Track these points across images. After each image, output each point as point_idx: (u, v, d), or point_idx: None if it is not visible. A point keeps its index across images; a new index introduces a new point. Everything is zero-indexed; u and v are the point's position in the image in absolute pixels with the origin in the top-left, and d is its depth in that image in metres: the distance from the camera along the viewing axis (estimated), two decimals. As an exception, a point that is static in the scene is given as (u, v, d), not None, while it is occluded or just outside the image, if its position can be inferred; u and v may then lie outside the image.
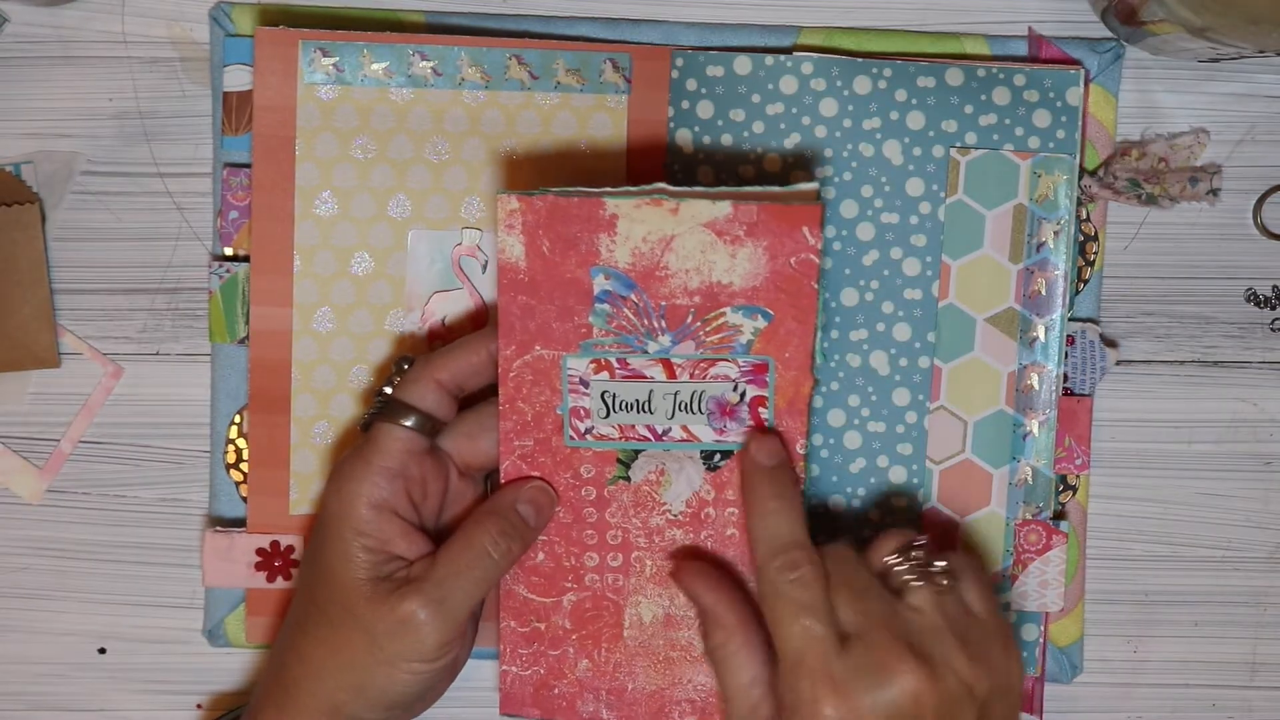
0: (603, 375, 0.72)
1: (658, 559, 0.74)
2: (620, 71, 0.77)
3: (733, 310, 0.71)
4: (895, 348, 0.77)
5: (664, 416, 0.72)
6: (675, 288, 0.71)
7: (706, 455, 0.73)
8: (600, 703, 0.76)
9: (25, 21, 0.78)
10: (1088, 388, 0.78)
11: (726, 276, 0.71)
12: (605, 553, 0.74)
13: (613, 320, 0.71)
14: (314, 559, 0.72)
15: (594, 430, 0.73)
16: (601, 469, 0.73)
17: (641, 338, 0.72)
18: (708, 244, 0.70)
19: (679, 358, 0.72)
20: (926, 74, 0.76)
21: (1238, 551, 0.81)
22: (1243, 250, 0.79)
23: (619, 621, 0.75)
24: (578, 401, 0.72)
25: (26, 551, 0.80)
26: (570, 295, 0.71)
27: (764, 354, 0.72)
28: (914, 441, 0.77)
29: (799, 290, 0.71)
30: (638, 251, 0.70)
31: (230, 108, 0.77)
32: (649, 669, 0.75)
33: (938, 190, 0.77)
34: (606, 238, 0.70)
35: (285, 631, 0.73)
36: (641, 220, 0.70)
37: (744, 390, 0.72)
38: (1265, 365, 0.80)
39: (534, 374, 0.72)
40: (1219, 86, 0.79)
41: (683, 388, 0.72)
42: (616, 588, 0.75)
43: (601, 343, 0.72)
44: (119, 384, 0.79)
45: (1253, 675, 0.81)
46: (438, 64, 0.76)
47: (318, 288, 0.77)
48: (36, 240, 0.78)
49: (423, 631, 0.70)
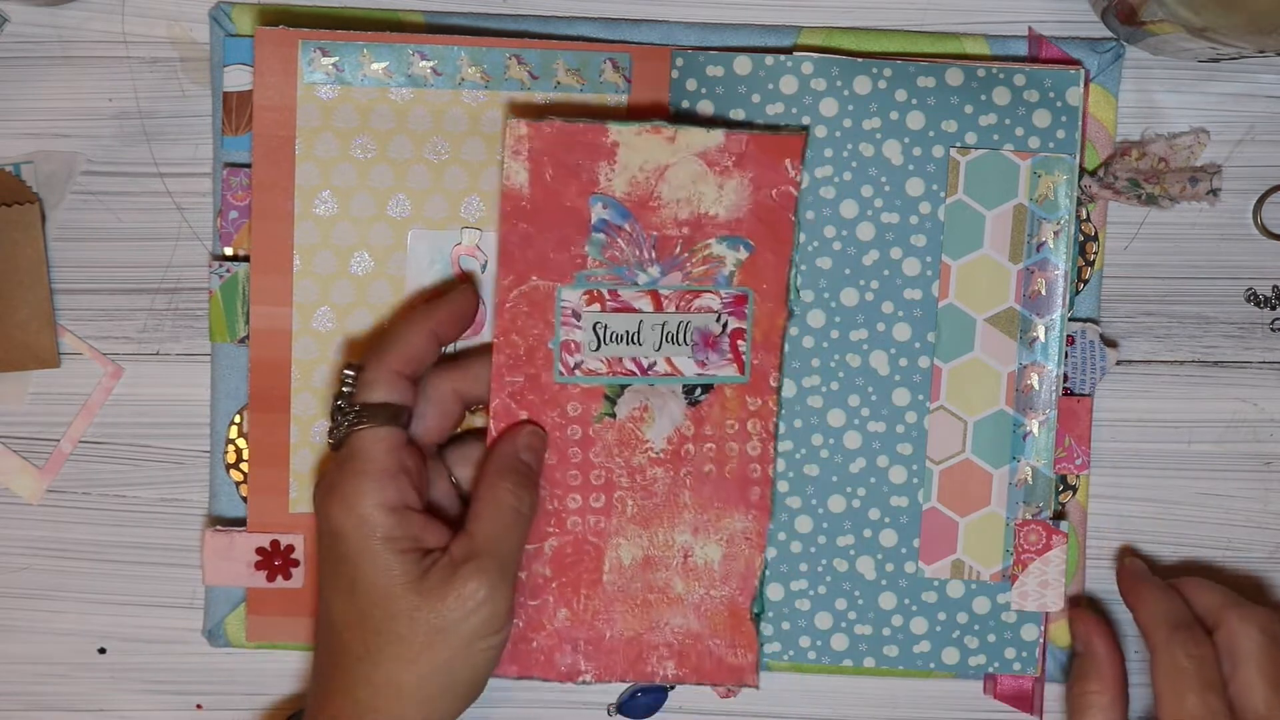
0: (595, 307, 0.73)
1: (639, 498, 0.75)
2: (620, 71, 0.77)
3: (717, 241, 0.74)
4: (895, 348, 0.77)
5: (651, 349, 0.74)
6: (666, 218, 0.73)
7: (688, 390, 0.75)
8: (579, 654, 0.76)
9: (25, 21, 0.78)
10: (1088, 388, 0.78)
11: (713, 208, 0.73)
12: (588, 494, 0.75)
13: (607, 250, 0.73)
14: (348, 588, 0.70)
15: (583, 365, 0.74)
16: (588, 406, 0.74)
17: (633, 269, 0.73)
18: (698, 174, 0.73)
19: (667, 289, 0.74)
20: (926, 74, 0.76)
21: (1238, 551, 0.81)
22: (1243, 250, 0.79)
23: (600, 566, 0.76)
24: (569, 335, 0.73)
25: (26, 551, 0.80)
26: (569, 224, 0.73)
27: (744, 285, 0.74)
28: (914, 441, 0.77)
29: (778, 222, 0.74)
30: (634, 180, 0.73)
31: (230, 108, 0.77)
32: (627, 614, 0.76)
33: (938, 190, 0.77)
34: (607, 165, 0.72)
35: (335, 672, 0.71)
36: (640, 149, 0.72)
37: (725, 322, 0.74)
38: (1265, 365, 0.80)
39: (529, 305, 0.73)
40: (1219, 86, 0.79)
41: (670, 319, 0.74)
42: (598, 530, 0.75)
43: (595, 274, 0.73)
44: (119, 384, 0.79)
45: (1252, 675, 0.81)
46: (438, 64, 0.76)
47: (318, 287, 0.77)
48: (36, 240, 0.78)
49: (493, 602, 0.70)
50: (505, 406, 0.74)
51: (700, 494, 0.76)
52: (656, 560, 0.76)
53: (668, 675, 0.77)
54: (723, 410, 0.76)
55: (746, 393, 0.76)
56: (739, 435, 0.76)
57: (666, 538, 0.76)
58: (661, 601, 0.76)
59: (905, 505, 0.78)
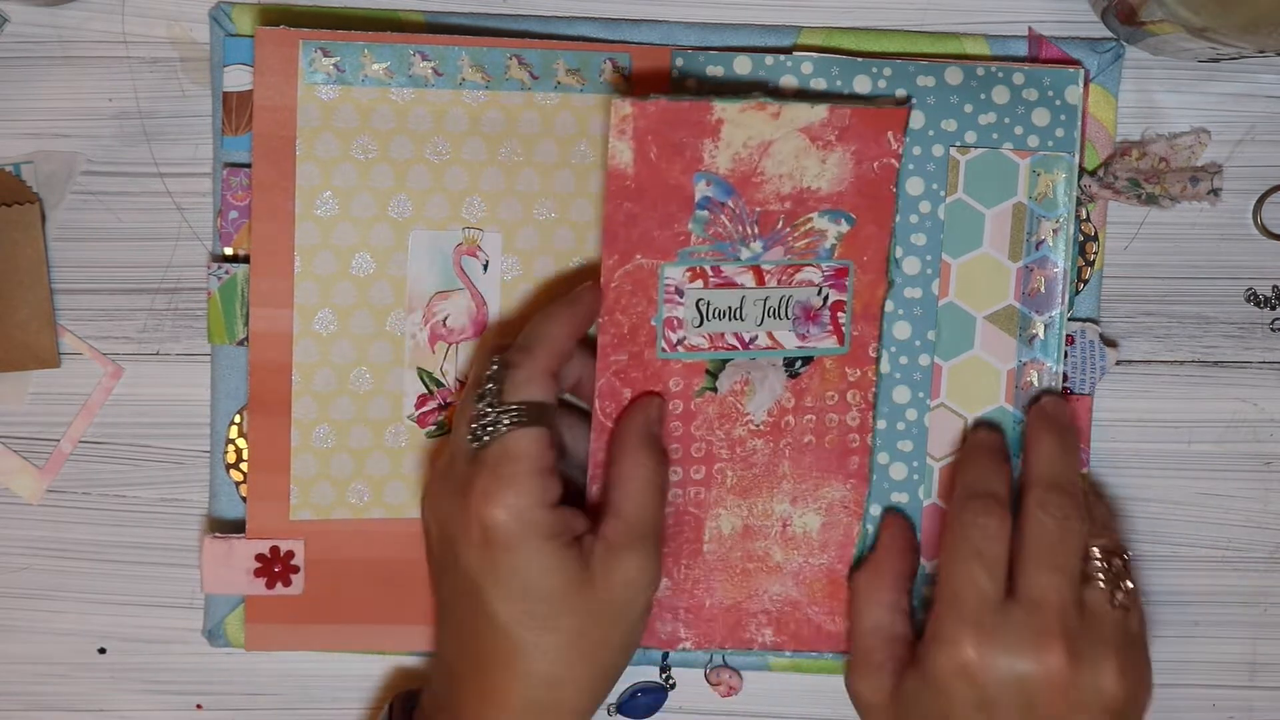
0: (698, 283, 0.74)
1: (738, 469, 0.76)
2: (620, 71, 0.77)
3: (819, 215, 0.74)
4: (895, 346, 0.77)
5: (753, 323, 0.74)
6: (769, 194, 0.74)
7: (789, 362, 0.75)
8: (679, 622, 0.77)
9: (25, 21, 0.78)
10: (1087, 387, 0.78)
11: (815, 182, 0.74)
12: (689, 466, 0.76)
13: (710, 227, 0.73)
14: (515, 591, 0.70)
15: (685, 341, 0.74)
16: (689, 381, 0.75)
17: (736, 245, 0.74)
18: (801, 149, 0.73)
19: (769, 263, 0.74)
20: (926, 73, 0.76)
21: (1237, 551, 0.81)
22: (1243, 250, 0.80)
23: (700, 536, 0.77)
24: (672, 311, 0.74)
25: (26, 551, 0.79)
26: (673, 202, 0.73)
27: (845, 258, 0.75)
28: (914, 439, 0.77)
29: (879, 194, 0.75)
30: (738, 157, 0.73)
31: (230, 108, 0.77)
32: (726, 583, 0.77)
33: (938, 189, 0.77)
34: (711, 143, 0.72)
35: (494, 672, 0.71)
36: (744, 125, 0.72)
37: (826, 294, 0.75)
38: (1265, 365, 0.80)
39: (633, 284, 0.73)
40: (1219, 86, 0.79)
41: (772, 294, 0.74)
42: (699, 501, 0.76)
43: (698, 250, 0.73)
44: (119, 384, 0.79)
45: (1252, 675, 0.81)
46: (438, 64, 0.76)
47: (318, 289, 0.76)
48: (36, 240, 0.78)
49: (648, 575, 0.71)
50: (610, 385, 0.74)
51: (799, 464, 0.77)
52: (756, 530, 0.77)
53: (766, 642, 0.78)
54: (823, 381, 0.76)
55: (846, 364, 0.76)
56: (839, 406, 0.76)
57: (766, 507, 0.77)
58: (761, 570, 0.77)
59: (906, 501, 0.78)
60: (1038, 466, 0.73)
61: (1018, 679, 0.69)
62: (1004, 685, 0.69)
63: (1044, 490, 0.72)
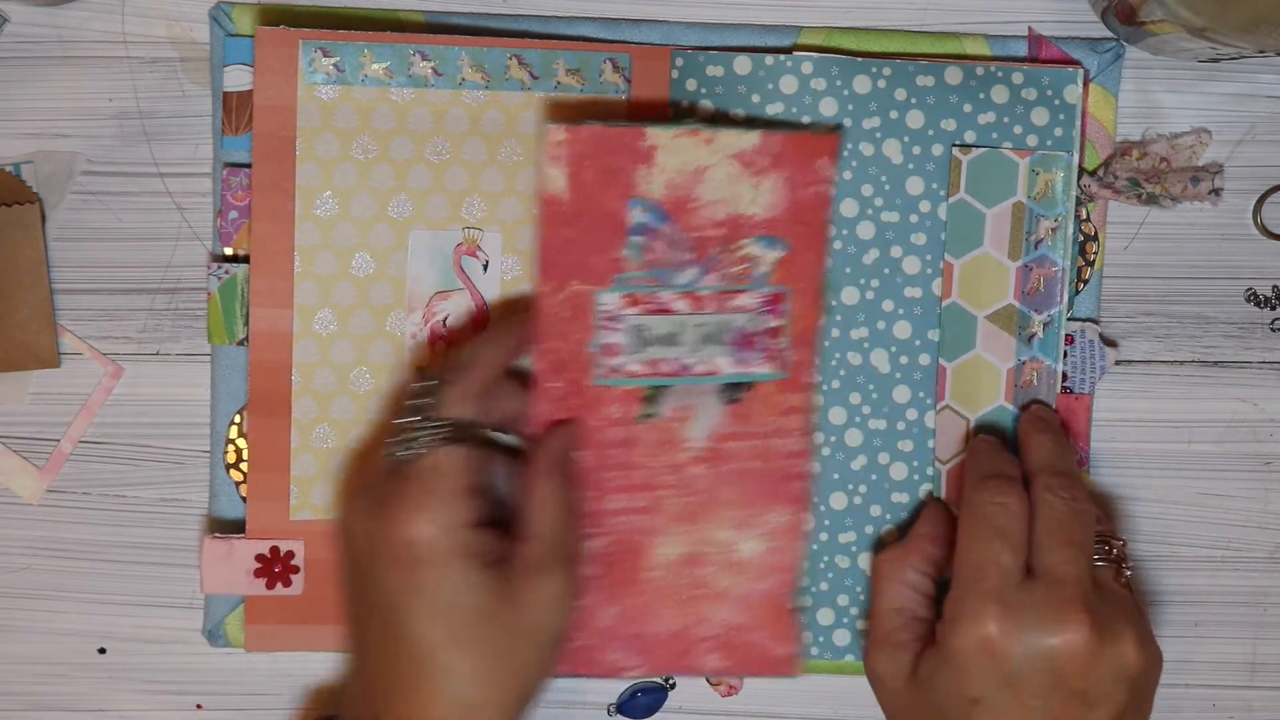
0: (634, 309, 0.74)
1: (681, 496, 0.76)
2: (620, 71, 0.77)
3: (754, 241, 0.74)
4: (896, 346, 0.77)
5: (690, 349, 0.74)
6: (704, 219, 0.74)
7: (728, 388, 0.75)
8: (625, 650, 0.77)
9: (25, 21, 0.78)
10: (1087, 387, 0.78)
11: (750, 208, 0.74)
12: (631, 494, 0.76)
13: (646, 253, 0.73)
14: (437, 608, 0.69)
15: (623, 367, 0.74)
16: (629, 408, 0.75)
17: (671, 270, 0.74)
18: (735, 175, 0.73)
19: (705, 289, 0.74)
20: (926, 73, 0.76)
21: (1237, 551, 0.81)
22: (1243, 250, 0.80)
23: (643, 563, 0.76)
24: (609, 338, 0.74)
25: (26, 551, 0.79)
26: (608, 228, 0.73)
27: (781, 283, 0.75)
28: (914, 439, 0.77)
29: (812, 221, 0.74)
30: (672, 183, 0.73)
31: (230, 108, 0.77)
32: (671, 609, 0.77)
33: (937, 189, 0.77)
34: (645, 169, 0.72)
35: (413, 689, 0.69)
36: (677, 151, 0.72)
37: (766, 320, 0.75)
38: (1265, 365, 0.80)
39: (569, 310, 0.73)
40: (1219, 86, 0.79)
41: (708, 319, 0.74)
42: (641, 529, 0.76)
43: (634, 276, 0.73)
44: (119, 384, 0.79)
45: (1253, 675, 0.81)
46: (438, 64, 0.76)
47: (318, 289, 0.76)
48: (36, 240, 0.78)
49: (565, 597, 0.71)
50: (548, 411, 0.74)
51: (742, 490, 0.76)
52: (699, 556, 0.76)
53: (714, 667, 0.78)
54: (763, 407, 0.76)
55: (785, 389, 0.76)
56: (779, 432, 0.76)
57: (709, 534, 0.76)
58: (705, 596, 0.77)
59: (906, 502, 0.78)
60: (1039, 458, 0.74)
61: (1044, 653, 0.69)
62: (1029, 659, 0.69)
63: (1050, 476, 0.72)
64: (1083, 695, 0.69)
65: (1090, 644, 0.69)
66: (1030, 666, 0.69)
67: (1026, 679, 0.69)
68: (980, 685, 0.69)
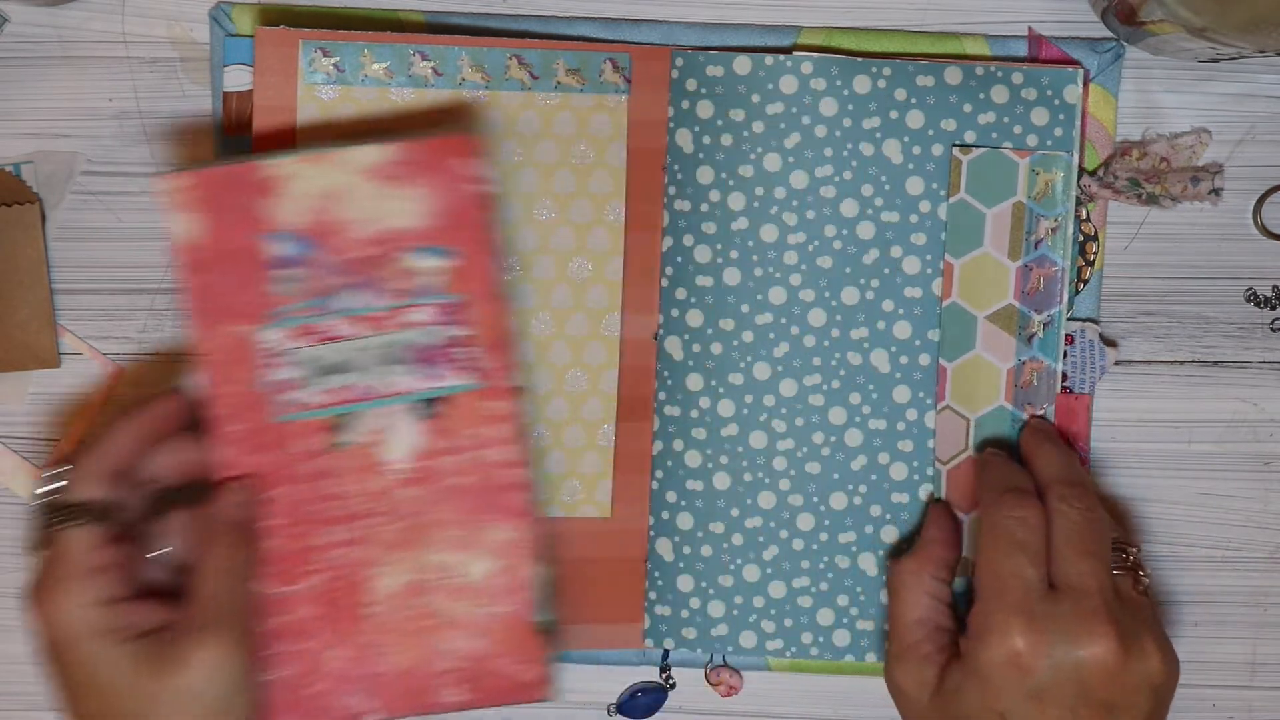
0: (300, 341, 0.72)
1: (390, 523, 0.74)
2: (620, 71, 0.77)
3: (414, 253, 0.72)
4: (895, 346, 0.77)
5: (366, 372, 0.73)
6: (354, 240, 0.72)
7: (420, 405, 0.73)
8: (360, 692, 0.74)
9: (25, 21, 0.78)
10: (1087, 387, 0.78)
11: (400, 220, 0.72)
12: (336, 526, 0.73)
13: (298, 283, 0.72)
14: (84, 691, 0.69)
15: (300, 400, 0.73)
16: (316, 439, 0.73)
17: (330, 297, 0.72)
18: (376, 191, 0.72)
19: (366, 310, 0.72)
20: (925, 73, 0.76)
21: (1238, 551, 0.81)
22: (1243, 250, 0.79)
23: (360, 599, 0.74)
24: (279, 374, 0.72)
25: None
26: (247, 265, 0.72)
27: (456, 292, 0.73)
28: (914, 439, 0.77)
29: (474, 223, 0.73)
30: (313, 209, 0.72)
31: (230, 108, 0.77)
32: (400, 644, 0.74)
33: (937, 189, 0.77)
34: (277, 201, 0.71)
35: None
36: (307, 176, 0.71)
37: (448, 331, 0.73)
38: (1265, 365, 0.80)
39: (230, 353, 0.72)
40: (1219, 86, 0.79)
41: (379, 339, 0.72)
42: (353, 561, 0.74)
43: (292, 308, 0.72)
44: (119, 384, 0.79)
45: (1253, 675, 0.81)
46: (438, 64, 0.76)
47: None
48: (36, 240, 0.78)
49: (231, 661, 0.69)
50: (231, 457, 0.73)
51: (459, 508, 0.74)
52: (423, 585, 0.74)
53: (456, 701, 0.74)
54: (463, 420, 0.73)
55: (484, 398, 0.73)
56: (485, 442, 0.74)
57: (428, 559, 0.74)
58: (436, 626, 0.74)
59: (906, 502, 0.78)
60: (1049, 470, 0.74)
61: (1071, 665, 0.69)
62: (1057, 672, 0.69)
63: (1063, 486, 0.72)
64: (1108, 706, 0.69)
65: (1116, 655, 0.69)
66: (1057, 679, 0.69)
67: (1054, 692, 0.69)
68: (1008, 699, 0.70)
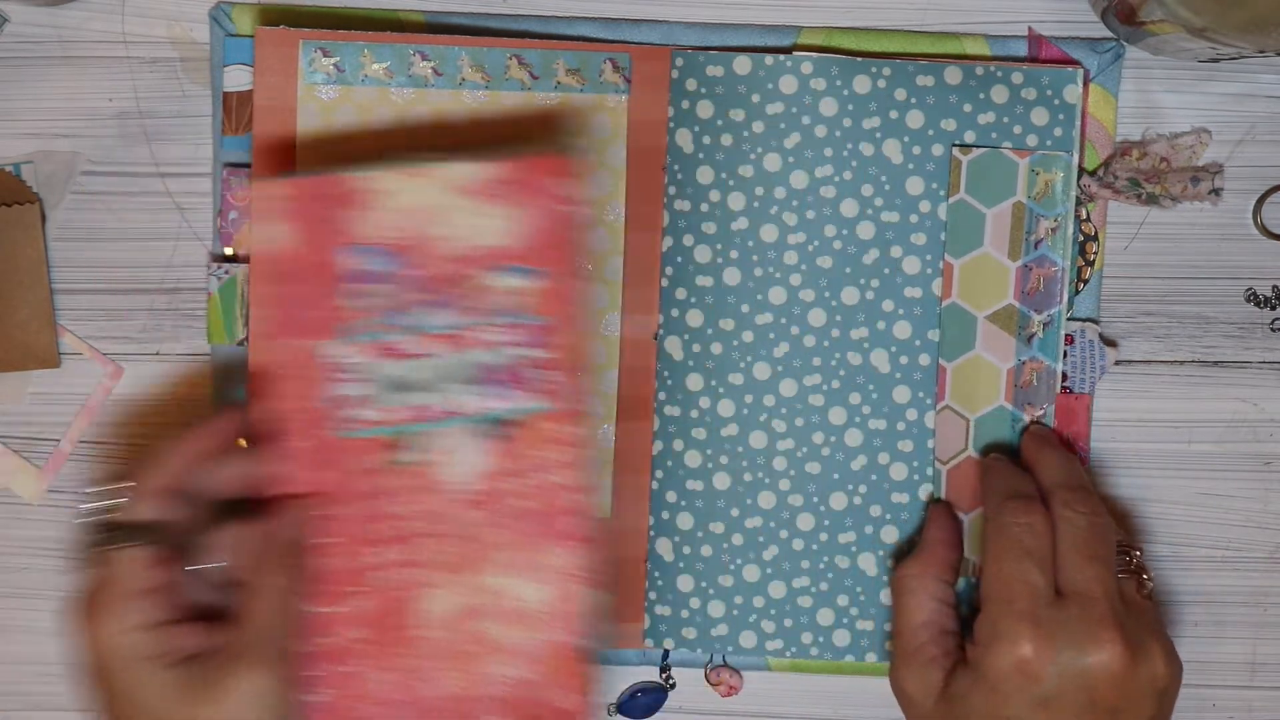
0: (368, 357, 0.71)
1: (445, 544, 0.72)
2: (620, 71, 0.77)
3: (498, 273, 0.71)
4: (895, 346, 0.77)
5: (439, 391, 0.71)
6: (440, 256, 0.71)
7: (493, 424, 0.72)
8: (404, 718, 0.72)
9: (25, 21, 0.78)
10: (1087, 387, 0.78)
11: (489, 239, 0.71)
12: (389, 546, 0.72)
13: (373, 299, 0.71)
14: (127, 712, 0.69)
15: (364, 417, 0.71)
16: (379, 457, 0.72)
17: (404, 313, 0.71)
18: (467, 208, 0.71)
19: (446, 328, 0.71)
20: (925, 73, 0.76)
21: (1237, 551, 0.81)
22: (1243, 250, 0.79)
23: (408, 621, 0.72)
24: (343, 389, 0.71)
25: (26, 551, 0.79)
26: (324, 278, 0.71)
27: (542, 314, 0.71)
28: (914, 439, 0.77)
29: (561, 245, 0.71)
30: (397, 225, 0.71)
31: (230, 108, 0.77)
32: (449, 669, 0.72)
33: (937, 189, 0.77)
34: (362, 214, 0.71)
35: None
36: (397, 192, 0.71)
37: (527, 353, 0.71)
38: (1265, 365, 0.80)
39: (296, 367, 0.71)
40: (1219, 86, 0.79)
41: (454, 357, 0.71)
42: (404, 583, 0.72)
43: (364, 324, 0.71)
44: (119, 384, 0.79)
45: (1252, 675, 0.81)
46: (438, 64, 0.76)
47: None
48: (36, 240, 0.78)
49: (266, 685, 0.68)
50: (291, 472, 0.72)
51: (516, 532, 0.72)
52: (475, 608, 0.72)
53: None
54: (532, 442, 0.72)
55: (554, 421, 0.72)
56: (549, 465, 0.72)
57: (482, 582, 0.72)
58: (485, 651, 0.72)
59: (906, 502, 0.78)
60: (1051, 475, 0.74)
61: (1078, 672, 0.69)
62: (1065, 679, 0.69)
63: (1066, 492, 0.73)
64: (1115, 712, 0.70)
65: (1123, 661, 0.69)
66: (1064, 686, 0.69)
67: (1061, 699, 0.69)
68: (1015, 706, 0.70)
